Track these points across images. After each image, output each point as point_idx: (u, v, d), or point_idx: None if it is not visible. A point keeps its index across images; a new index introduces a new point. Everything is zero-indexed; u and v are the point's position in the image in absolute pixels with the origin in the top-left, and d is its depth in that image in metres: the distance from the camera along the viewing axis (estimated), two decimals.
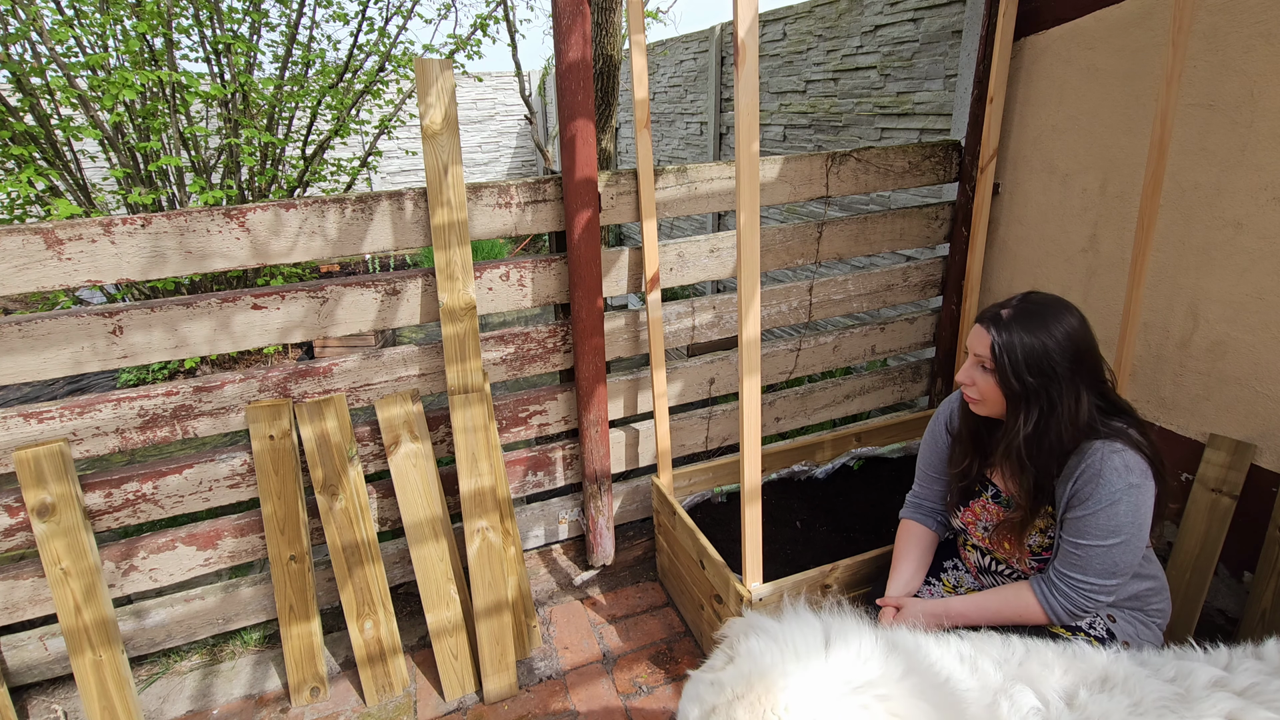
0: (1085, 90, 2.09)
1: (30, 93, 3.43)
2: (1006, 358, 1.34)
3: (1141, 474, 1.31)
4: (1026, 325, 1.34)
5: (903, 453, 2.58)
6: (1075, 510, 1.35)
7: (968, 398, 1.46)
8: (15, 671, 1.94)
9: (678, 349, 3.31)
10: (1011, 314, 1.37)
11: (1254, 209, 1.74)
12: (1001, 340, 1.35)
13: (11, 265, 1.58)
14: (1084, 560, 1.35)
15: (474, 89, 9.82)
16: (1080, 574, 1.36)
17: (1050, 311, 1.35)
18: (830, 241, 2.37)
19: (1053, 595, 1.40)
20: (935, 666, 1.03)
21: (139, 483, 1.84)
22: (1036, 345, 1.32)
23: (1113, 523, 1.31)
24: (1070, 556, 1.37)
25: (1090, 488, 1.32)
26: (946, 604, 1.53)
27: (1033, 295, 1.40)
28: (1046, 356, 1.32)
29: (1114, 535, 1.31)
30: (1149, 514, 1.32)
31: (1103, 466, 1.31)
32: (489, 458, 1.94)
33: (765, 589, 1.72)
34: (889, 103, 3.44)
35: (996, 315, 1.38)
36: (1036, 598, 1.42)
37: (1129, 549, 1.33)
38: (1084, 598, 1.37)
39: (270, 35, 5.77)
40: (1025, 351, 1.33)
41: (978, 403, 1.45)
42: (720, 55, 5.28)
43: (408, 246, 1.88)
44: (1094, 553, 1.33)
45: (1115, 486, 1.30)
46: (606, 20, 2.56)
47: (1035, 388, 1.34)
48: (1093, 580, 1.35)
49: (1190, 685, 1.04)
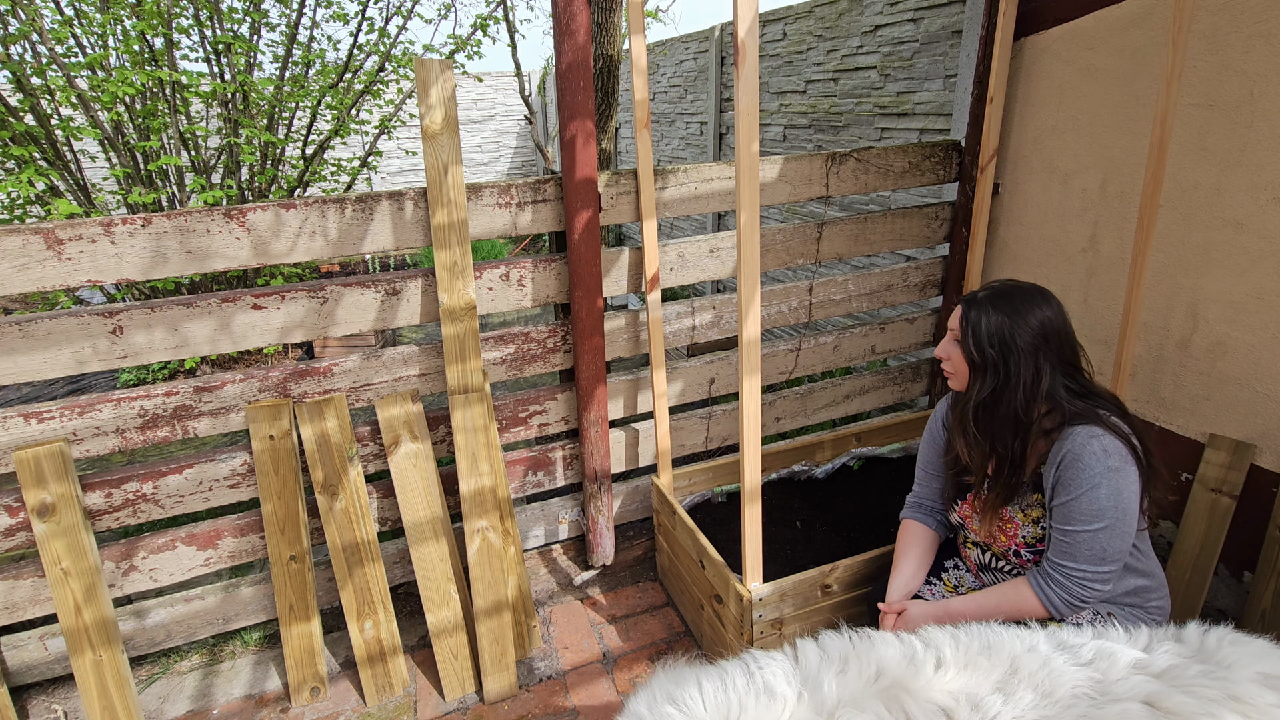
0: (1085, 90, 2.09)
1: (30, 93, 3.43)
2: (970, 331, 1.42)
3: (1121, 458, 1.33)
4: (996, 303, 1.42)
5: (903, 453, 2.58)
6: (1060, 496, 1.37)
7: (944, 371, 1.54)
8: (15, 671, 1.94)
9: (678, 349, 3.31)
10: (986, 294, 1.45)
11: (1254, 209, 1.74)
12: (971, 315, 1.43)
13: (12, 265, 1.58)
14: (1073, 547, 1.37)
15: (474, 89, 9.82)
16: (1071, 561, 1.38)
17: (1023, 295, 1.42)
18: (830, 241, 2.38)
19: (1049, 586, 1.41)
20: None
21: (139, 483, 1.84)
22: (1002, 321, 1.39)
23: (1095, 507, 1.33)
24: (1060, 545, 1.39)
25: (1070, 473, 1.35)
26: (946, 605, 1.54)
27: (1013, 281, 1.47)
28: (1009, 331, 1.39)
29: (1098, 519, 1.33)
30: (1132, 497, 1.34)
31: (1081, 451, 1.33)
32: (489, 458, 1.94)
33: (765, 589, 1.72)
34: (889, 103, 3.44)
35: (973, 294, 1.47)
36: (1034, 590, 1.43)
37: (1116, 533, 1.34)
38: (1079, 586, 1.38)
39: (270, 35, 5.77)
40: (989, 325, 1.40)
41: (951, 376, 1.52)
42: (720, 55, 5.28)
43: (408, 246, 1.88)
44: (1081, 538, 1.35)
45: (1094, 470, 1.32)
46: (606, 20, 2.56)
47: (993, 359, 1.40)
48: (1084, 567, 1.37)
49: (1109, 669, 1.02)
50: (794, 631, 1.79)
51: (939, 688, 0.99)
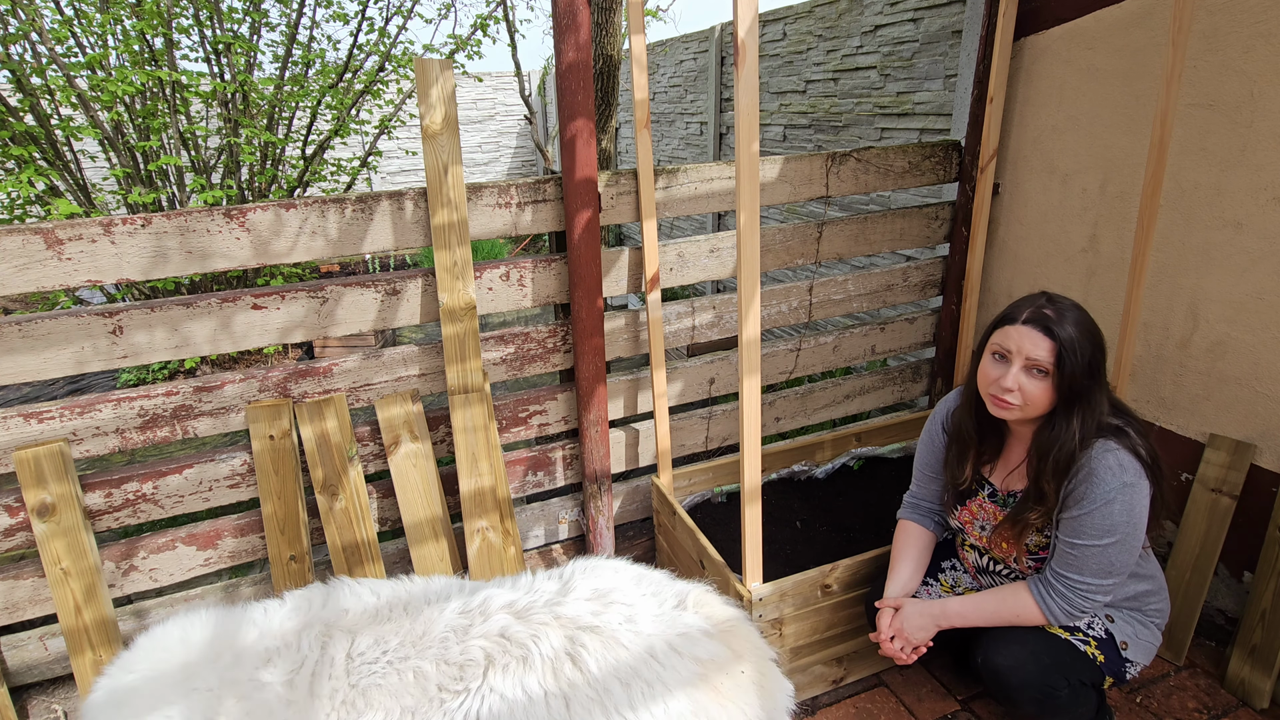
0: (1085, 90, 2.09)
1: (30, 93, 3.43)
2: (1069, 361, 1.31)
3: (1136, 473, 1.31)
4: (1079, 327, 1.32)
5: (902, 453, 2.58)
6: (1071, 510, 1.35)
7: (1003, 403, 1.38)
8: (15, 671, 1.94)
9: (678, 349, 3.31)
10: (1058, 316, 1.33)
11: (1254, 209, 1.74)
12: (1065, 343, 1.31)
13: (12, 265, 1.58)
14: (1080, 560, 1.35)
15: (474, 89, 9.82)
16: (1077, 574, 1.36)
17: (1081, 313, 1.35)
18: (830, 241, 2.38)
19: (1050, 596, 1.40)
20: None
21: (139, 483, 1.84)
22: (1089, 347, 1.32)
23: (1108, 522, 1.31)
24: (1066, 557, 1.37)
25: (1085, 487, 1.32)
26: (944, 605, 1.53)
27: (1057, 297, 1.37)
28: (1095, 357, 1.33)
29: (1109, 535, 1.31)
30: (1144, 513, 1.32)
31: (1097, 466, 1.31)
32: (489, 458, 1.94)
33: (765, 589, 1.72)
34: (889, 103, 3.44)
35: (1043, 317, 1.33)
36: (1034, 598, 1.42)
37: (1125, 548, 1.33)
38: (1081, 598, 1.37)
39: (270, 35, 5.76)
40: (1084, 354, 1.31)
41: (1016, 408, 1.37)
42: (720, 55, 5.28)
43: (408, 246, 1.88)
44: (1090, 552, 1.33)
45: (1110, 485, 1.30)
46: (606, 20, 2.56)
47: (1085, 389, 1.32)
48: (1089, 580, 1.35)
49: (485, 609, 1.22)
50: (794, 631, 1.79)
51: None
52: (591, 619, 1.21)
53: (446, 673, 1.14)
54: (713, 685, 1.16)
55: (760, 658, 1.25)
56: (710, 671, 1.17)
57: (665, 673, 1.15)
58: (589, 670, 1.14)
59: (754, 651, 1.25)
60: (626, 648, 1.17)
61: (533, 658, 1.15)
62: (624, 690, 1.12)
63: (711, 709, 1.14)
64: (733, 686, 1.17)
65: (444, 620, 1.21)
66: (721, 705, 1.15)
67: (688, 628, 1.22)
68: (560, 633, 1.18)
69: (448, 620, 1.21)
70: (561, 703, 1.11)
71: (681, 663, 1.16)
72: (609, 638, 1.18)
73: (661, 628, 1.21)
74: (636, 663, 1.15)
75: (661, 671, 1.15)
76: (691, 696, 1.14)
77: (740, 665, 1.21)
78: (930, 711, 1.84)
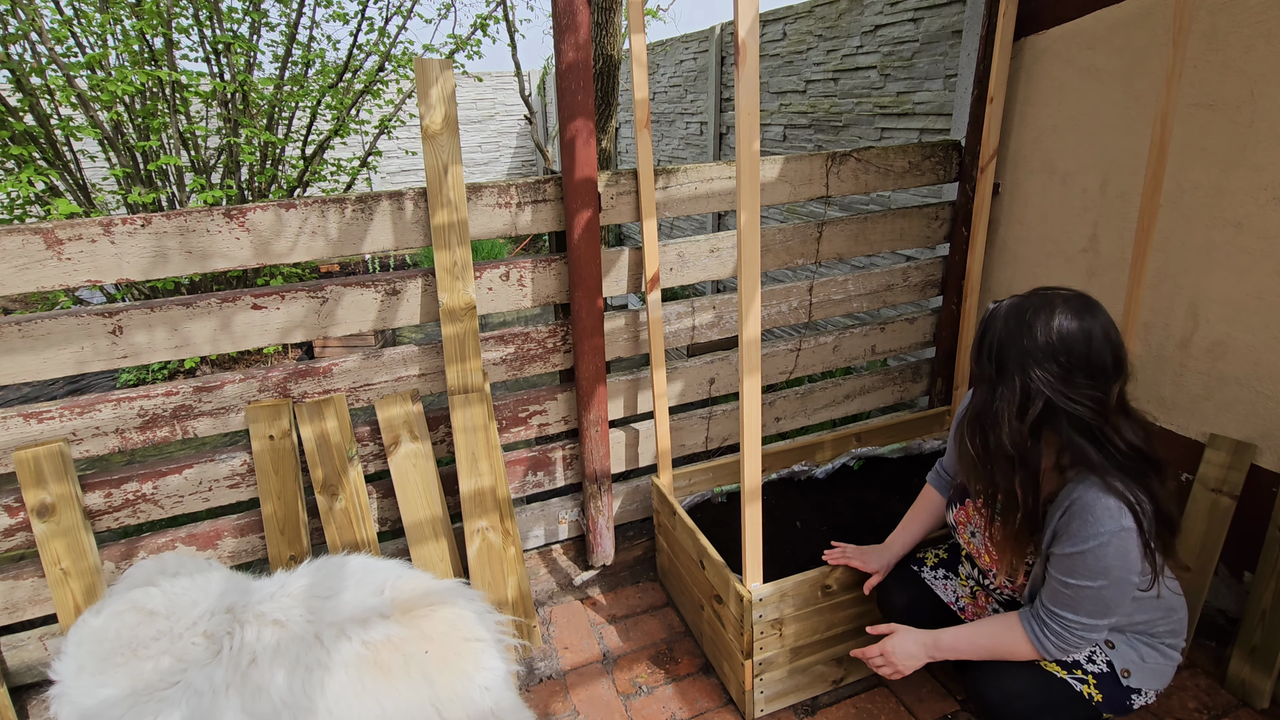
0: (1085, 90, 2.09)
1: (30, 93, 3.43)
2: (979, 335, 1.35)
3: (1133, 518, 1.25)
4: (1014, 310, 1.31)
5: (902, 453, 2.58)
6: (1062, 546, 1.29)
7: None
8: (15, 671, 1.94)
9: (678, 349, 3.31)
10: (1014, 299, 1.34)
11: (1254, 209, 1.74)
12: (987, 318, 1.35)
13: (11, 265, 1.58)
14: (1075, 600, 1.30)
15: (474, 89, 9.82)
16: (1072, 614, 1.31)
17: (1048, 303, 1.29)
18: (830, 241, 2.37)
19: (1044, 634, 1.35)
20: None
21: (139, 483, 1.84)
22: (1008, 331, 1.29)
23: (1101, 564, 1.25)
24: (1060, 595, 1.31)
25: (1077, 523, 1.26)
26: (937, 636, 1.48)
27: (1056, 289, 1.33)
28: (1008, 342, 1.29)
29: (1102, 576, 1.26)
30: (1139, 556, 1.26)
31: (1094, 503, 1.24)
32: (489, 458, 1.94)
33: (765, 589, 1.72)
34: (889, 103, 3.44)
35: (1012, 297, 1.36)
36: (1027, 635, 1.37)
37: (1120, 588, 1.27)
38: (1077, 636, 1.32)
39: (270, 35, 5.77)
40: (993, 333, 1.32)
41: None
42: (720, 55, 5.28)
43: (408, 246, 1.88)
44: (1085, 593, 1.28)
45: (1105, 527, 1.23)
46: (606, 20, 2.56)
47: (989, 374, 1.32)
48: (1084, 620, 1.30)
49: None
50: (794, 631, 1.79)
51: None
52: (281, 614, 1.36)
53: (173, 667, 1.32)
54: (380, 665, 1.30)
55: (456, 638, 1.39)
56: (381, 652, 1.31)
57: (328, 656, 1.30)
58: (261, 660, 1.30)
59: (451, 632, 1.39)
60: (299, 637, 1.32)
61: (223, 653, 1.32)
62: (286, 675, 1.28)
63: (377, 687, 1.29)
64: (403, 664, 1.31)
65: (189, 616, 1.38)
66: (391, 684, 1.29)
67: (367, 612, 1.36)
68: (254, 628, 1.34)
69: (192, 617, 1.38)
70: (236, 692, 1.28)
71: (349, 646, 1.31)
72: (287, 629, 1.33)
73: (344, 615, 1.36)
74: (300, 648, 1.31)
75: (323, 655, 1.30)
76: (355, 676, 1.29)
77: (425, 645, 1.34)
78: (930, 711, 1.84)
